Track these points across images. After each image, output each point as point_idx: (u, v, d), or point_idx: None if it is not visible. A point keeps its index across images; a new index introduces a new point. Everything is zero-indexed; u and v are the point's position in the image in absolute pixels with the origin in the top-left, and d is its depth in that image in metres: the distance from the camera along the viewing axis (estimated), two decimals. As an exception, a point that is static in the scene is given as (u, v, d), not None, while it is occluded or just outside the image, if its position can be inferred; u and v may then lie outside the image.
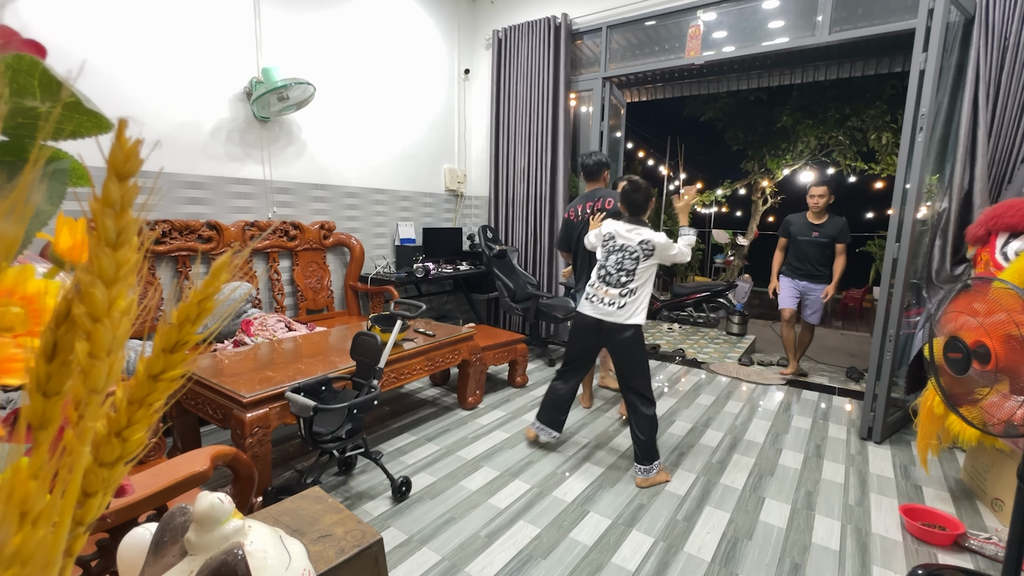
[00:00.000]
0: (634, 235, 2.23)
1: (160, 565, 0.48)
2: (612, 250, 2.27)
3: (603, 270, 2.27)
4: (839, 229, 3.50)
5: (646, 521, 1.94)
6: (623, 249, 2.24)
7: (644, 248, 2.21)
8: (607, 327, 2.22)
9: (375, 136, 3.89)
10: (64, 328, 0.24)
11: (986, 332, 1.23)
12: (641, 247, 2.21)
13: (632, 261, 2.21)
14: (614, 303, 2.21)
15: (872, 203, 13.50)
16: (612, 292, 2.22)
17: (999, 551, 1.73)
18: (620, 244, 2.25)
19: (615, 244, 2.27)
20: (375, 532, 0.71)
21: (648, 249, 2.21)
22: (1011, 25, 2.41)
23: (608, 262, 2.26)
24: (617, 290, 2.21)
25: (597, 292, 2.27)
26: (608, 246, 2.29)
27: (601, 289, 2.25)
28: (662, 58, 3.84)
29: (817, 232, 3.52)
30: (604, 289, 2.24)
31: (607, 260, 2.27)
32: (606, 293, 2.23)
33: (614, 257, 2.25)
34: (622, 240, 2.25)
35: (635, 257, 2.21)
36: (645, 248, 2.21)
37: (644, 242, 2.21)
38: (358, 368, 2.07)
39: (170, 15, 2.68)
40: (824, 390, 3.55)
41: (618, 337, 2.22)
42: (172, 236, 2.72)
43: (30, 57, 0.27)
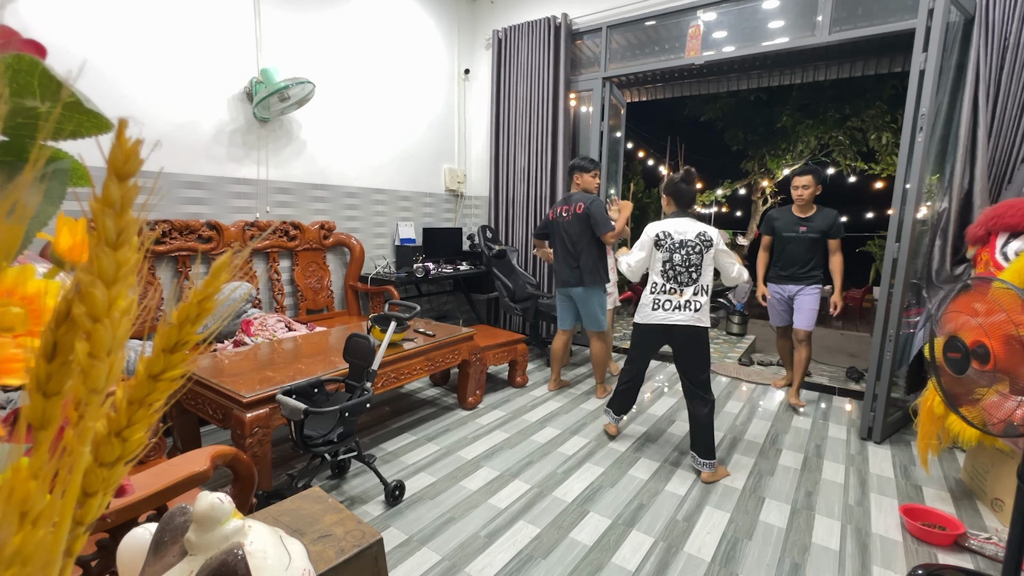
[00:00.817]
0: (690, 227, 2.20)
1: (160, 565, 0.48)
2: (674, 248, 2.20)
3: (671, 270, 2.20)
4: (830, 222, 3.05)
5: (646, 521, 1.94)
6: (684, 245, 2.18)
7: (703, 240, 2.18)
8: (680, 331, 2.19)
9: (375, 136, 3.90)
10: (64, 328, 0.24)
11: (985, 332, 1.23)
12: (700, 239, 2.18)
13: (697, 255, 2.17)
14: (691, 305, 2.16)
15: (872, 203, 13.50)
16: (687, 292, 2.17)
17: (999, 551, 1.73)
18: (679, 240, 2.19)
19: (674, 241, 2.20)
20: (375, 532, 0.71)
21: (707, 241, 2.18)
22: (1011, 25, 2.41)
23: (675, 259, 2.19)
24: (691, 288, 2.17)
25: (670, 297, 2.20)
26: (667, 244, 2.22)
27: (674, 292, 2.19)
28: (662, 58, 3.84)
29: (805, 227, 3.10)
30: (678, 291, 2.18)
31: (673, 258, 2.20)
32: (680, 295, 2.17)
33: (679, 255, 2.18)
34: (680, 236, 2.20)
35: (698, 251, 2.17)
36: (704, 240, 2.18)
37: (701, 234, 2.18)
38: (351, 370, 2.06)
39: (170, 15, 2.68)
40: (824, 390, 3.55)
41: (691, 337, 2.20)
42: (172, 236, 2.72)
43: (30, 57, 0.27)
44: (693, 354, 2.23)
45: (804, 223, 3.12)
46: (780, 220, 3.21)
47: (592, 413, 2.99)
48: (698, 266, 2.17)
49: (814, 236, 3.08)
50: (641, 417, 2.94)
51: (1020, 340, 1.11)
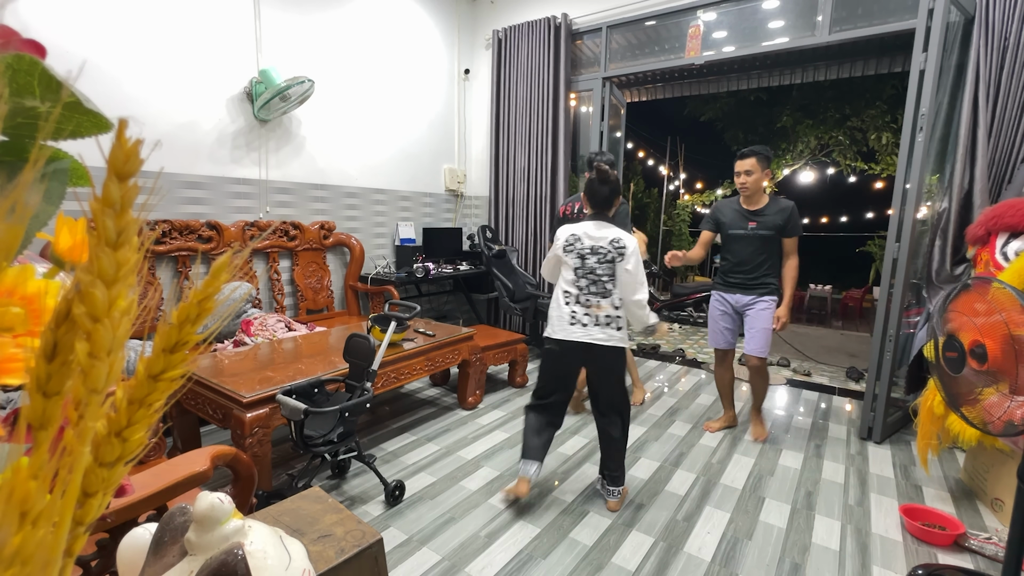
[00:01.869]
0: (603, 232, 1.91)
1: (160, 565, 0.48)
2: (584, 253, 1.91)
3: (586, 278, 1.90)
4: (786, 217, 2.48)
5: (646, 521, 1.94)
6: (595, 251, 1.90)
7: (616, 247, 1.88)
8: (601, 352, 1.90)
9: (375, 136, 3.89)
10: (64, 328, 0.24)
11: (982, 332, 1.24)
12: (613, 245, 1.88)
13: (608, 265, 1.88)
14: (610, 321, 1.88)
15: (872, 203, 13.50)
16: (604, 304, 1.88)
17: (999, 551, 1.73)
18: (591, 245, 1.90)
19: (584, 245, 1.91)
20: (375, 532, 0.71)
21: (620, 248, 1.88)
22: (1011, 25, 2.41)
23: (586, 266, 1.90)
24: (609, 300, 1.88)
25: (588, 310, 1.89)
26: (577, 249, 1.92)
27: (591, 304, 1.89)
28: (662, 58, 3.84)
29: (755, 222, 2.52)
30: (595, 303, 1.89)
31: (584, 264, 1.91)
32: (599, 308, 1.88)
33: (591, 260, 1.90)
34: (591, 241, 1.91)
35: (609, 259, 1.88)
36: (617, 246, 1.88)
37: (615, 240, 1.89)
38: (351, 370, 2.06)
39: (170, 15, 2.68)
40: (824, 390, 3.55)
41: (608, 357, 1.92)
42: (172, 236, 2.72)
43: (30, 57, 0.27)
44: (608, 374, 1.97)
45: (753, 217, 2.54)
46: (726, 214, 2.62)
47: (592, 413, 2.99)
48: (610, 276, 1.89)
49: (766, 233, 2.51)
50: (641, 417, 2.94)
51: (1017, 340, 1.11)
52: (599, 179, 1.93)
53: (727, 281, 2.64)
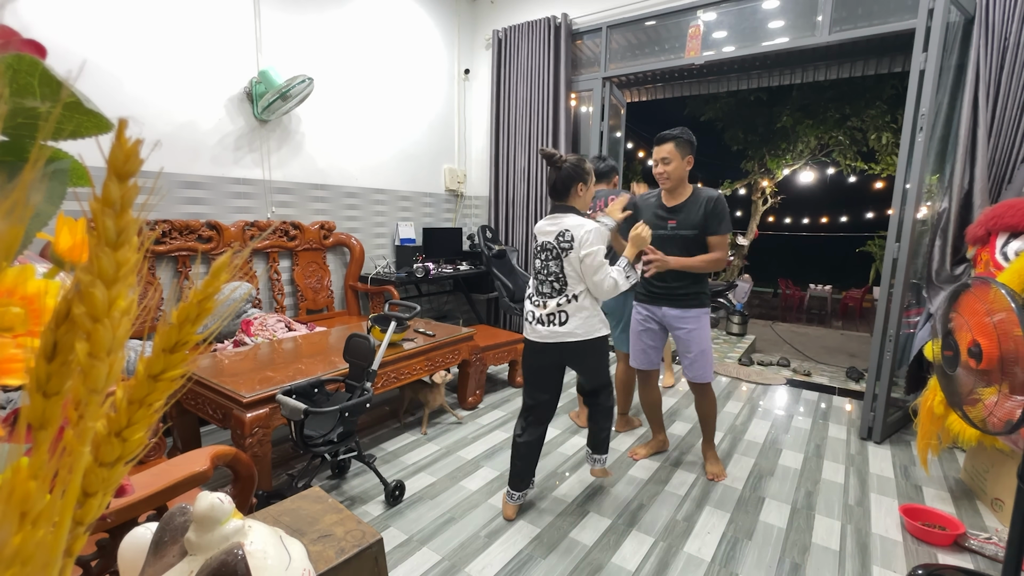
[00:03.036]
0: (552, 227, 1.78)
1: (160, 565, 0.48)
2: (537, 252, 1.84)
3: (537, 277, 1.85)
4: (709, 211, 2.05)
5: (646, 521, 1.94)
6: (544, 248, 1.80)
7: (561, 242, 1.74)
8: (568, 349, 1.81)
9: (375, 136, 3.89)
10: (64, 328, 0.24)
11: (978, 331, 1.24)
12: (558, 240, 1.74)
13: (555, 262, 1.77)
14: (554, 319, 1.78)
15: (872, 203, 13.51)
16: (550, 304, 1.79)
17: (999, 551, 1.73)
18: (541, 242, 1.81)
19: (537, 243, 1.84)
20: (375, 532, 0.71)
21: (565, 241, 1.73)
22: (1011, 25, 2.41)
23: (536, 264, 1.84)
24: (555, 300, 1.78)
25: (535, 308, 1.83)
26: (535, 247, 1.86)
27: (538, 302, 1.83)
28: (662, 58, 3.84)
29: (675, 220, 2.11)
30: (540, 302, 1.82)
31: (535, 263, 1.86)
32: (543, 307, 1.80)
33: (539, 260, 1.83)
34: (542, 237, 1.81)
35: (555, 255, 1.77)
36: (562, 242, 1.74)
37: (561, 235, 1.74)
38: (351, 370, 2.06)
39: (170, 15, 2.68)
40: (824, 390, 3.55)
41: (583, 355, 1.84)
42: (172, 236, 2.72)
43: (30, 57, 0.27)
44: (590, 367, 1.90)
45: (673, 215, 2.12)
46: (644, 210, 2.21)
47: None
48: (559, 275, 1.76)
49: (688, 233, 2.08)
50: (642, 416, 2.94)
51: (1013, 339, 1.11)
52: (548, 165, 1.80)
53: (650, 291, 2.23)
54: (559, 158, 1.76)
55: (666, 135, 2.08)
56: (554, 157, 1.76)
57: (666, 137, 2.08)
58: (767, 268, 11.52)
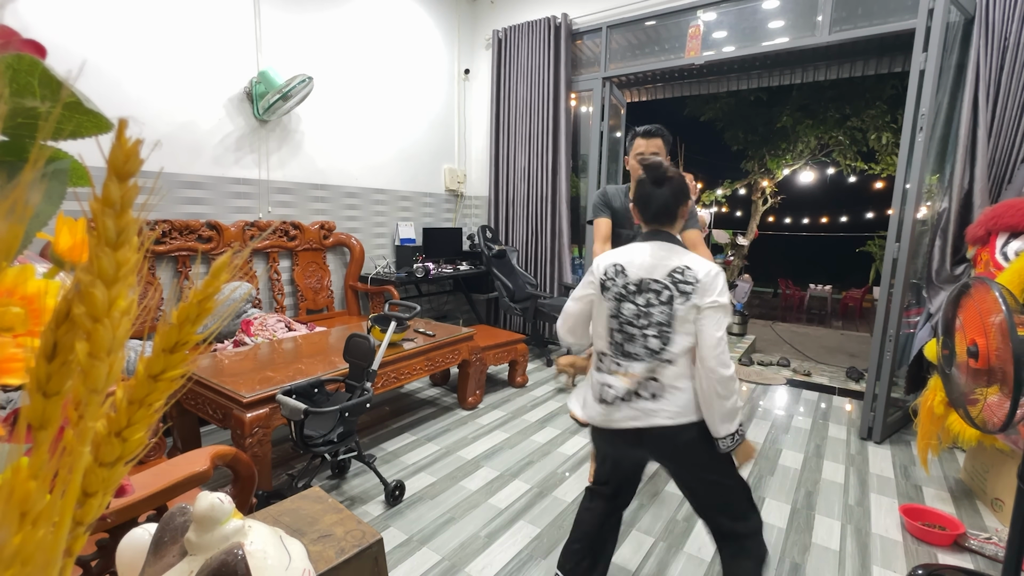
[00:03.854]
0: (661, 260, 1.25)
1: (160, 565, 0.48)
2: (624, 294, 1.26)
3: (621, 330, 1.26)
4: None
5: (646, 521, 1.94)
6: (644, 289, 1.24)
7: (678, 282, 1.21)
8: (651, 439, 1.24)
9: (375, 136, 3.90)
10: (64, 328, 0.24)
11: (973, 330, 1.24)
12: (673, 278, 1.22)
13: (662, 308, 1.22)
14: (645, 391, 1.22)
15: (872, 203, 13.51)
16: (635, 369, 1.23)
17: (999, 551, 1.73)
18: (638, 279, 1.25)
19: (628, 282, 1.26)
20: (375, 532, 0.71)
21: (685, 283, 1.20)
22: (1011, 25, 2.41)
23: (623, 313, 1.25)
24: (644, 363, 1.22)
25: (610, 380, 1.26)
26: (617, 287, 1.27)
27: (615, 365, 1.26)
28: (662, 58, 3.84)
29: None
30: (623, 368, 1.25)
31: (619, 311, 1.26)
32: (626, 375, 1.24)
33: (631, 305, 1.25)
34: (641, 272, 1.25)
35: (666, 299, 1.22)
36: (679, 282, 1.21)
37: (679, 272, 1.22)
38: (351, 370, 2.06)
39: (170, 15, 2.68)
40: (824, 390, 3.55)
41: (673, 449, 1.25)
42: (172, 236, 2.72)
43: (30, 57, 0.27)
44: (696, 476, 1.27)
45: None
46: (618, 202, 2.04)
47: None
48: (662, 326, 1.21)
49: None
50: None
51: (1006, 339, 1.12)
52: (652, 179, 1.30)
53: None
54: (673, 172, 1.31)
55: (656, 130, 1.93)
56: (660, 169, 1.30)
57: (656, 132, 1.93)
58: (767, 268, 11.52)
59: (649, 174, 1.30)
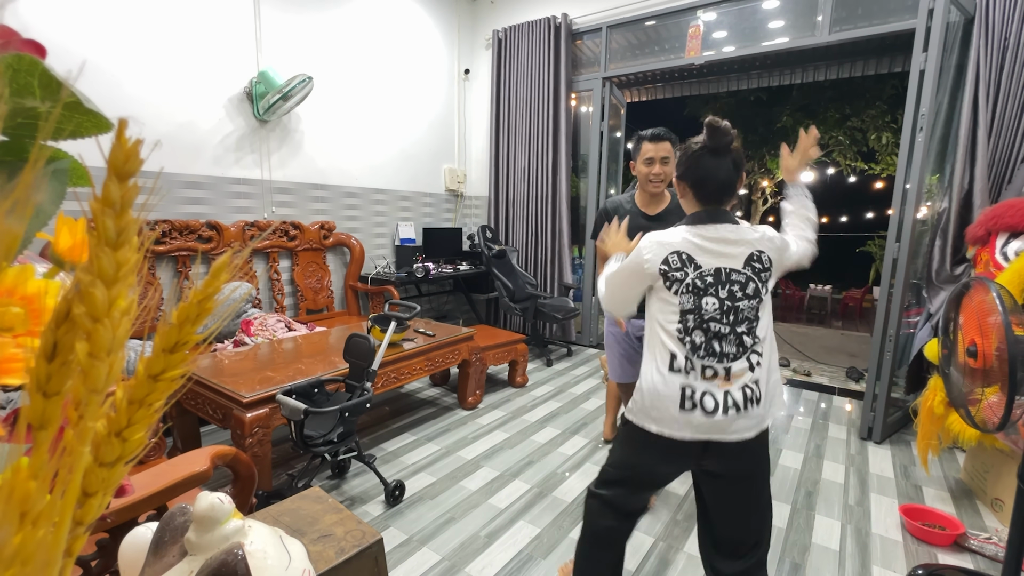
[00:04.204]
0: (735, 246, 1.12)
1: (160, 565, 0.48)
2: (704, 286, 1.10)
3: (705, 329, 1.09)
4: None
5: (646, 521, 1.94)
6: (725, 279, 1.10)
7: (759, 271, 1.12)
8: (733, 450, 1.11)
9: (375, 136, 3.90)
10: (64, 328, 0.24)
11: (976, 331, 1.24)
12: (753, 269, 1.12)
13: (752, 296, 1.11)
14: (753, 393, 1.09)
15: (872, 203, 13.52)
16: (738, 367, 1.09)
17: (999, 551, 1.73)
18: (714, 269, 1.10)
19: (704, 272, 1.10)
20: (375, 532, 0.71)
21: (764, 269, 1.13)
22: (1011, 25, 2.41)
23: (707, 307, 1.09)
24: (741, 362, 1.09)
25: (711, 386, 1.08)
26: (690, 279, 1.11)
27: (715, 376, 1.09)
28: (662, 58, 3.84)
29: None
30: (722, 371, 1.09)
31: (704, 305, 1.10)
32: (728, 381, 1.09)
33: (712, 299, 1.09)
34: (717, 261, 1.11)
35: (753, 289, 1.11)
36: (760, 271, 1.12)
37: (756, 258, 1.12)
38: (351, 370, 2.06)
39: (170, 15, 2.68)
40: (824, 390, 3.55)
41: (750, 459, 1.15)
42: (172, 236, 2.72)
43: (30, 57, 0.27)
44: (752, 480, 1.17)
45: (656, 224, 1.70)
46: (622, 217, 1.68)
47: (592, 413, 2.99)
48: (751, 320, 1.10)
49: None
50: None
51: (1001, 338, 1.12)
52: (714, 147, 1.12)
53: None
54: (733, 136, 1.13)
55: (664, 134, 1.84)
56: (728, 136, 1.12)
57: (665, 136, 1.83)
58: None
59: (712, 140, 1.12)
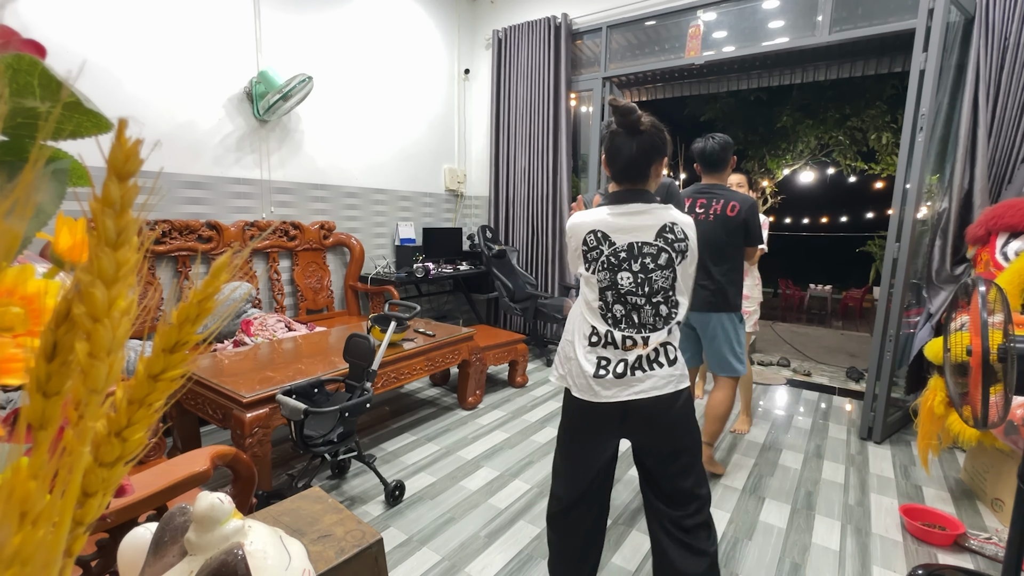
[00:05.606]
0: (642, 220, 1.19)
1: (160, 565, 0.48)
2: (618, 261, 1.18)
3: (620, 301, 1.18)
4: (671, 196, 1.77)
5: (646, 521, 1.94)
6: (636, 252, 1.18)
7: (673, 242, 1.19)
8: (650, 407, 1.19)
9: (375, 136, 3.90)
10: (64, 328, 0.24)
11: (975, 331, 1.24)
12: (665, 240, 1.18)
13: (663, 272, 1.18)
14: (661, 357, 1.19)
15: (872, 203, 13.53)
16: (655, 337, 1.18)
17: (999, 551, 1.73)
18: (626, 244, 1.18)
19: (616, 248, 1.18)
20: (375, 532, 0.71)
21: (679, 241, 1.19)
22: (1011, 25, 2.41)
23: (622, 282, 1.18)
24: (661, 332, 1.18)
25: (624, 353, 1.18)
26: (606, 256, 1.19)
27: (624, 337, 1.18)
28: (662, 58, 3.84)
29: None
30: (632, 336, 1.17)
31: (618, 280, 1.18)
32: (644, 345, 1.18)
33: (628, 274, 1.18)
34: (624, 236, 1.18)
35: (665, 261, 1.18)
36: (674, 241, 1.19)
37: (668, 229, 1.19)
38: (351, 370, 2.06)
39: (170, 15, 2.68)
40: (824, 390, 3.55)
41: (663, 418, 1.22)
42: (172, 236, 2.72)
43: (30, 57, 0.27)
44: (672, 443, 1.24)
45: None
46: None
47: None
48: (667, 290, 1.19)
49: None
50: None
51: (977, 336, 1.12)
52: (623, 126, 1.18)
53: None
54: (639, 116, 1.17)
55: None
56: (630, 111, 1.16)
57: None
58: (767, 268, 11.50)
59: (619, 120, 1.18)
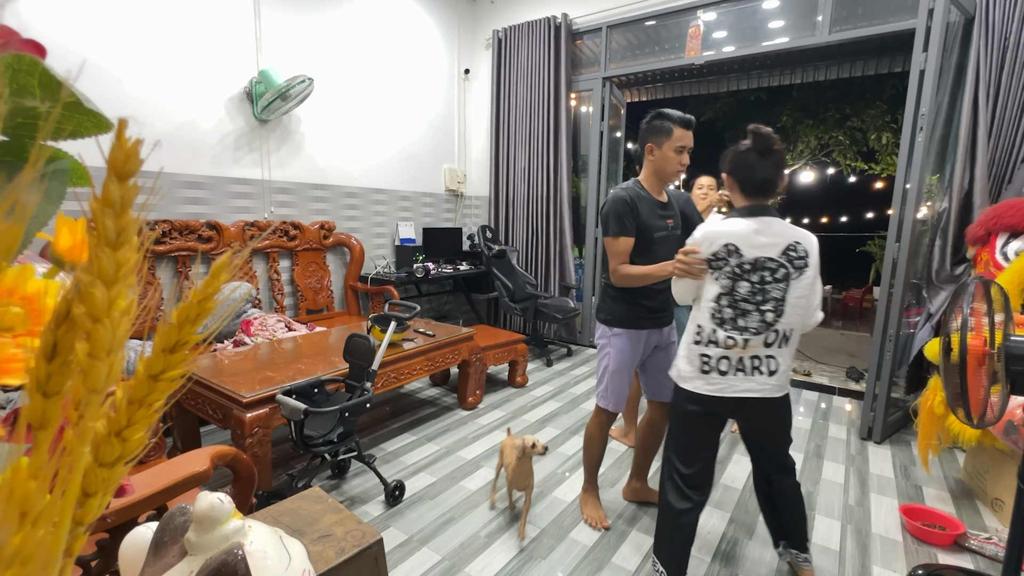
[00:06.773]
0: (771, 238, 1.33)
1: (160, 565, 0.48)
2: (739, 274, 1.33)
3: (733, 307, 1.34)
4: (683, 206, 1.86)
5: (646, 521, 1.94)
6: (759, 267, 1.32)
7: (793, 259, 1.32)
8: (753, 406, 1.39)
9: (375, 136, 3.90)
10: (64, 328, 0.24)
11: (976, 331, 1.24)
12: (788, 256, 1.32)
13: (778, 286, 1.32)
14: (762, 365, 1.35)
15: (872, 203, 13.52)
16: (755, 342, 1.34)
17: (999, 551, 1.73)
18: (754, 258, 1.32)
19: (744, 261, 1.33)
20: (375, 532, 0.71)
21: (799, 258, 1.32)
22: (1011, 25, 2.41)
23: (740, 291, 1.33)
24: (762, 336, 1.34)
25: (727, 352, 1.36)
26: (731, 266, 1.34)
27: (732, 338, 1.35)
28: (662, 58, 3.84)
29: (671, 219, 1.77)
30: (737, 338, 1.34)
31: (736, 288, 1.34)
32: (743, 348, 1.34)
33: (745, 284, 1.33)
34: (755, 251, 1.32)
35: (782, 276, 1.32)
36: (794, 259, 1.32)
37: (792, 249, 1.32)
38: (351, 370, 2.06)
39: (171, 15, 2.68)
40: (824, 390, 3.54)
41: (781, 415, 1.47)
42: (172, 236, 2.72)
43: (30, 57, 0.27)
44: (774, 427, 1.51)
45: (667, 213, 1.76)
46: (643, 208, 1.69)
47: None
48: (778, 301, 1.32)
49: (679, 234, 1.79)
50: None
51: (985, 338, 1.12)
52: (758, 148, 1.33)
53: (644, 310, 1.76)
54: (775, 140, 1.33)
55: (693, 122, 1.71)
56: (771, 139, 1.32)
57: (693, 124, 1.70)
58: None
59: (757, 144, 1.33)
